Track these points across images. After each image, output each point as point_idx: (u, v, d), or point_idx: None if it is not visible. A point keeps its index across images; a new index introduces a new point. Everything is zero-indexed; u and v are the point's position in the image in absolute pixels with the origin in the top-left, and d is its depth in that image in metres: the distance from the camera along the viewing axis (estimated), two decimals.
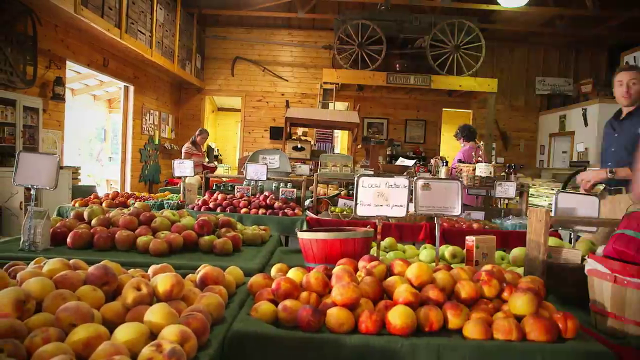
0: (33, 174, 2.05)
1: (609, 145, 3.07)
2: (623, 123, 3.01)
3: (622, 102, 3.00)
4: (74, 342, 1.00)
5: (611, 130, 3.09)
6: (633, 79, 2.91)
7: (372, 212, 1.74)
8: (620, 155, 2.93)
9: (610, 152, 3.04)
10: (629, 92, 2.91)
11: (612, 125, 3.12)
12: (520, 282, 1.53)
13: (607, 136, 3.14)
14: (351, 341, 1.22)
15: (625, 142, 2.92)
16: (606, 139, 3.15)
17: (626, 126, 2.97)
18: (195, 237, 2.23)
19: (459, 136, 5.40)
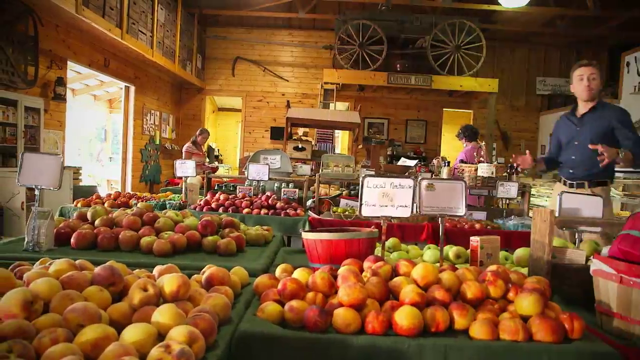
0: (37, 174, 2.05)
1: (571, 139, 3.13)
2: (585, 117, 3.07)
3: (583, 96, 3.05)
4: (82, 342, 1.00)
5: (571, 124, 3.17)
6: (592, 74, 2.98)
7: (377, 212, 1.74)
8: (586, 149, 2.97)
9: (574, 145, 3.11)
10: (590, 86, 2.98)
11: (570, 120, 3.19)
12: (525, 283, 1.53)
13: (567, 130, 3.19)
14: (358, 342, 1.22)
15: (591, 136, 2.97)
16: (565, 133, 3.20)
17: (590, 120, 3.04)
18: (198, 237, 2.23)
19: (461, 136, 5.41)
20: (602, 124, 2.98)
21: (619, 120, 2.97)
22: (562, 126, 3.28)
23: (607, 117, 2.99)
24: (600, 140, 2.89)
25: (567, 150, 3.16)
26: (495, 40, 10.60)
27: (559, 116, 9.73)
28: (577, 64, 3.09)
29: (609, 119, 2.98)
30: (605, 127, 2.97)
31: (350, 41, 9.08)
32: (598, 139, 2.91)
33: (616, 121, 2.97)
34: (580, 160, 3.08)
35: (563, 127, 3.26)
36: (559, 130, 3.30)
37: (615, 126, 2.95)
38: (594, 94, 3.01)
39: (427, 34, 9.05)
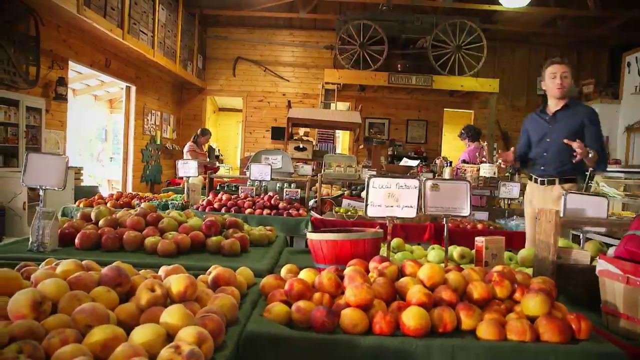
0: (41, 174, 2.05)
1: (543, 136, 3.13)
2: (557, 115, 3.08)
3: (555, 94, 3.05)
4: (91, 343, 1.00)
5: (542, 121, 3.17)
6: (565, 72, 2.98)
7: (383, 212, 1.74)
8: (558, 145, 3.00)
9: (546, 141, 3.11)
10: (562, 84, 2.98)
11: (541, 117, 3.19)
12: (531, 283, 1.53)
13: (538, 128, 3.19)
14: (365, 342, 1.22)
15: (564, 133, 2.98)
16: (536, 130, 3.19)
17: (562, 118, 3.05)
18: (202, 237, 2.23)
19: (463, 136, 5.40)
20: (575, 121, 3.00)
21: (590, 119, 2.99)
22: (532, 123, 3.28)
23: (580, 115, 3.01)
24: (572, 137, 2.93)
25: (539, 147, 3.17)
26: (496, 41, 10.60)
27: None
28: (549, 60, 3.09)
29: (581, 117, 3.00)
30: (577, 125, 2.99)
31: (351, 41, 9.08)
32: (570, 136, 2.94)
33: (587, 120, 2.98)
34: (552, 157, 3.08)
35: (534, 124, 3.26)
36: (529, 127, 3.30)
37: (586, 125, 2.97)
38: (565, 92, 3.02)
39: (428, 34, 9.05)
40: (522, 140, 3.34)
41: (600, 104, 8.79)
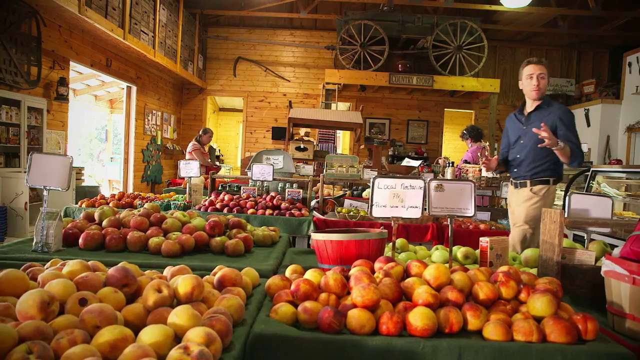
0: (45, 174, 2.05)
1: (518, 138, 3.10)
2: (531, 116, 3.04)
3: (531, 95, 3.00)
4: (100, 344, 1.00)
5: (518, 123, 3.12)
6: (541, 73, 2.94)
7: (388, 213, 1.74)
8: (531, 146, 2.98)
9: (520, 143, 3.08)
10: (539, 86, 2.94)
11: (517, 118, 3.15)
12: (537, 284, 1.53)
13: (515, 129, 3.15)
14: (373, 342, 1.22)
15: (536, 136, 2.91)
16: (514, 131, 3.16)
17: (535, 119, 3.01)
18: (206, 238, 2.23)
19: (465, 137, 5.40)
20: (547, 122, 2.92)
21: (561, 119, 2.94)
22: (510, 124, 3.23)
23: (552, 115, 2.96)
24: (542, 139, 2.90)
25: (514, 148, 3.13)
26: (497, 41, 10.61)
27: None
28: (526, 61, 3.03)
29: (554, 117, 2.95)
30: (550, 125, 2.92)
31: (352, 41, 9.08)
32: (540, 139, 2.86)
33: (559, 120, 2.93)
34: (525, 159, 3.04)
35: (512, 125, 3.21)
36: (508, 127, 3.25)
37: (558, 125, 2.93)
38: (541, 93, 2.98)
39: (429, 34, 9.05)
40: (503, 141, 3.29)
41: (602, 104, 8.80)
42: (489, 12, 9.47)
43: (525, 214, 3.00)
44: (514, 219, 3.10)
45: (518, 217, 3.04)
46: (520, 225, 3.02)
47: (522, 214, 3.02)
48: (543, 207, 2.85)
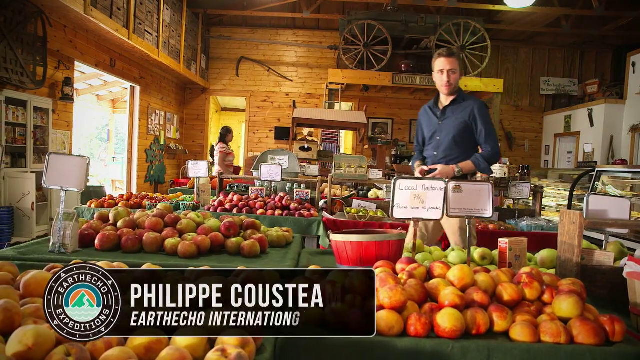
0: (62, 175, 2.05)
1: (433, 133, 2.96)
2: (446, 111, 2.92)
3: (442, 91, 2.90)
4: (135, 346, 1.00)
5: (433, 117, 2.99)
6: (452, 68, 2.80)
7: (409, 214, 1.74)
8: (447, 143, 2.89)
9: (436, 139, 2.94)
10: (449, 81, 2.82)
11: (433, 112, 3.01)
12: (560, 285, 1.53)
13: (429, 123, 3.01)
14: (402, 344, 1.23)
15: (452, 131, 2.87)
16: (428, 125, 3.02)
17: (450, 114, 2.90)
18: (222, 239, 2.23)
19: None
20: (463, 117, 2.86)
21: (478, 114, 2.85)
22: (424, 119, 3.07)
23: (468, 109, 2.86)
24: (461, 134, 2.84)
25: (430, 144, 2.99)
26: (500, 40, 10.62)
27: (563, 116, 9.76)
28: (437, 53, 2.87)
29: (469, 111, 2.85)
30: (465, 121, 2.85)
31: (355, 41, 9.08)
32: (458, 133, 2.85)
33: (475, 114, 2.84)
34: (441, 156, 2.92)
35: (426, 119, 3.05)
36: (422, 121, 3.09)
37: (475, 119, 2.84)
38: (452, 88, 2.86)
39: (432, 34, 9.05)
40: (418, 136, 3.14)
41: (605, 104, 8.80)
42: (492, 12, 9.48)
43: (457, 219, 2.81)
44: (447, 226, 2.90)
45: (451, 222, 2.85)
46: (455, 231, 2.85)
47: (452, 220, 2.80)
48: None
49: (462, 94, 2.94)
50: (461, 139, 2.88)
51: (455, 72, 2.81)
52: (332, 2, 10.16)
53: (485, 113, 2.89)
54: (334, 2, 10.16)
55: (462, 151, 2.87)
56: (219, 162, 6.80)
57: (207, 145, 11.37)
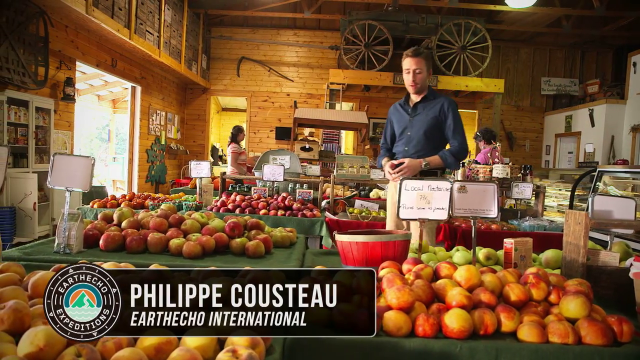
0: (68, 176, 2.04)
1: (404, 129, 2.97)
2: (417, 107, 2.93)
3: (409, 90, 2.92)
4: (145, 347, 1.00)
5: (404, 113, 2.99)
6: (417, 68, 2.81)
7: (415, 214, 1.74)
8: (417, 138, 2.89)
9: (407, 135, 2.95)
10: (415, 81, 2.84)
11: (404, 108, 3.01)
12: (566, 285, 1.53)
13: (400, 119, 3.01)
14: (410, 344, 1.23)
15: (423, 127, 2.87)
16: (399, 121, 3.01)
17: (421, 110, 2.92)
18: (226, 239, 2.23)
19: (479, 138, 5.41)
20: (433, 113, 2.87)
21: (448, 111, 2.87)
22: (395, 115, 3.07)
23: (438, 106, 2.89)
24: (431, 130, 2.86)
25: (401, 140, 2.99)
26: (500, 41, 10.62)
27: (563, 116, 9.74)
28: (404, 53, 2.87)
29: (439, 108, 2.88)
30: (436, 117, 2.87)
31: (356, 41, 9.09)
32: (429, 129, 2.87)
33: (445, 112, 2.87)
34: (411, 152, 2.91)
35: (396, 115, 3.05)
36: (392, 118, 3.10)
37: (445, 116, 2.86)
38: (419, 88, 2.88)
39: (433, 34, 9.06)
40: (387, 131, 3.14)
41: (606, 104, 8.80)
42: (493, 12, 9.48)
43: None
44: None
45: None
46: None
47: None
48: None
49: (432, 92, 2.96)
50: (431, 134, 2.90)
51: (421, 72, 2.82)
52: (333, 2, 10.16)
53: (455, 110, 2.92)
54: (334, 2, 10.16)
55: (432, 146, 2.87)
56: (232, 162, 6.79)
57: (208, 145, 11.37)
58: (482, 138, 5.39)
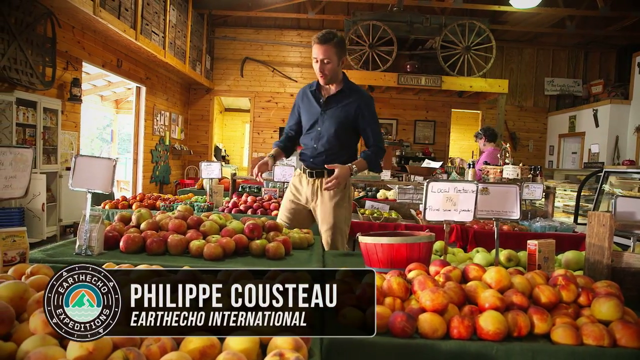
0: (89, 178, 2.05)
1: (315, 123, 2.72)
2: (330, 101, 2.68)
3: (320, 80, 2.64)
4: (190, 350, 1.00)
5: (315, 103, 2.72)
6: (325, 58, 2.51)
7: (441, 216, 1.74)
8: (328, 136, 2.68)
9: (317, 130, 2.71)
10: (324, 72, 2.56)
11: (315, 97, 2.73)
12: (595, 287, 1.53)
13: (311, 109, 2.74)
14: (447, 346, 1.23)
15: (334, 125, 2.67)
16: (309, 111, 2.74)
17: (334, 104, 2.68)
18: (246, 241, 2.23)
19: (480, 136, 5.41)
20: (348, 110, 2.66)
21: (363, 107, 2.67)
22: (304, 102, 2.77)
23: (354, 103, 2.66)
24: (345, 128, 2.67)
25: (310, 134, 2.74)
26: (504, 41, 10.62)
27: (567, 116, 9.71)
28: (313, 38, 2.57)
29: (355, 105, 2.66)
30: (351, 114, 2.66)
31: (360, 42, 9.09)
32: (342, 127, 2.66)
33: (361, 108, 2.67)
34: (321, 150, 2.70)
35: (306, 103, 2.76)
36: (300, 104, 2.80)
37: (361, 114, 2.67)
38: (329, 79, 2.59)
39: (437, 34, 9.06)
40: (293, 117, 2.87)
41: (610, 104, 8.81)
42: (497, 12, 9.48)
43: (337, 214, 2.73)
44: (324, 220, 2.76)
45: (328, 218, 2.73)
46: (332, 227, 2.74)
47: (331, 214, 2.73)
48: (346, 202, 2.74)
49: (348, 84, 2.72)
50: (343, 133, 2.68)
51: (330, 61, 2.52)
52: (337, 3, 10.17)
53: (372, 107, 2.73)
54: (338, 3, 10.17)
55: (342, 145, 2.70)
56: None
57: (212, 145, 11.37)
58: (484, 136, 5.38)
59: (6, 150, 1.60)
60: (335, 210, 2.73)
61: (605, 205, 5.93)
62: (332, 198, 2.74)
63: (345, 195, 2.77)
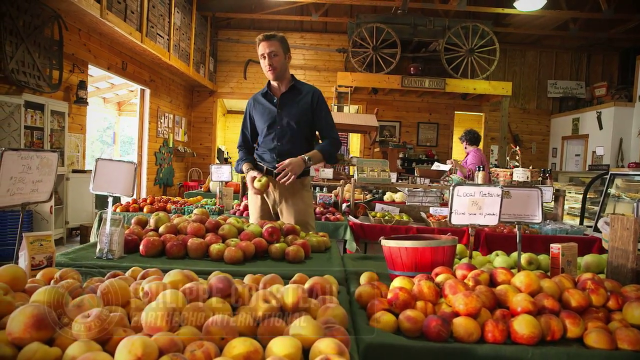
0: (110, 181, 2.04)
1: (273, 122, 2.74)
2: (284, 98, 2.73)
3: (269, 76, 2.68)
4: (234, 356, 1.00)
5: (270, 106, 2.76)
6: (272, 50, 2.58)
7: (467, 220, 1.74)
8: (291, 131, 2.72)
9: (277, 129, 2.73)
10: (273, 65, 2.60)
11: (267, 99, 2.77)
12: (624, 291, 1.53)
13: (264, 112, 2.77)
14: (482, 350, 1.23)
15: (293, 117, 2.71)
16: (264, 114, 2.77)
17: (289, 101, 2.73)
18: (265, 244, 2.23)
19: (462, 139, 5.49)
20: (305, 104, 2.72)
21: (318, 101, 2.73)
22: (257, 107, 2.82)
23: (308, 97, 2.73)
24: (303, 123, 2.72)
25: (270, 135, 2.76)
26: (507, 43, 10.65)
27: (570, 119, 9.75)
28: (257, 38, 2.65)
29: (309, 99, 2.72)
30: (307, 108, 2.72)
31: (364, 44, 9.11)
32: (301, 122, 2.71)
33: (316, 102, 2.72)
34: (284, 147, 2.72)
35: (259, 107, 2.81)
36: (253, 112, 2.85)
37: (315, 107, 2.72)
38: (279, 73, 2.64)
39: (441, 37, 9.08)
40: (246, 124, 2.90)
41: (614, 106, 8.83)
42: (500, 15, 9.51)
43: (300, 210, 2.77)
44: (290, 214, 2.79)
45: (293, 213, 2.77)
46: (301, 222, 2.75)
47: (297, 210, 2.76)
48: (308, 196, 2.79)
49: (297, 81, 2.78)
50: (305, 126, 2.74)
51: (277, 54, 2.60)
52: (340, 6, 10.19)
53: (324, 102, 2.79)
54: (341, 6, 10.19)
55: (304, 138, 2.75)
56: None
57: (215, 147, 11.37)
58: (465, 139, 5.44)
59: (33, 155, 1.60)
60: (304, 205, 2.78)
61: (612, 208, 5.94)
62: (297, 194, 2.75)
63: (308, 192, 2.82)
